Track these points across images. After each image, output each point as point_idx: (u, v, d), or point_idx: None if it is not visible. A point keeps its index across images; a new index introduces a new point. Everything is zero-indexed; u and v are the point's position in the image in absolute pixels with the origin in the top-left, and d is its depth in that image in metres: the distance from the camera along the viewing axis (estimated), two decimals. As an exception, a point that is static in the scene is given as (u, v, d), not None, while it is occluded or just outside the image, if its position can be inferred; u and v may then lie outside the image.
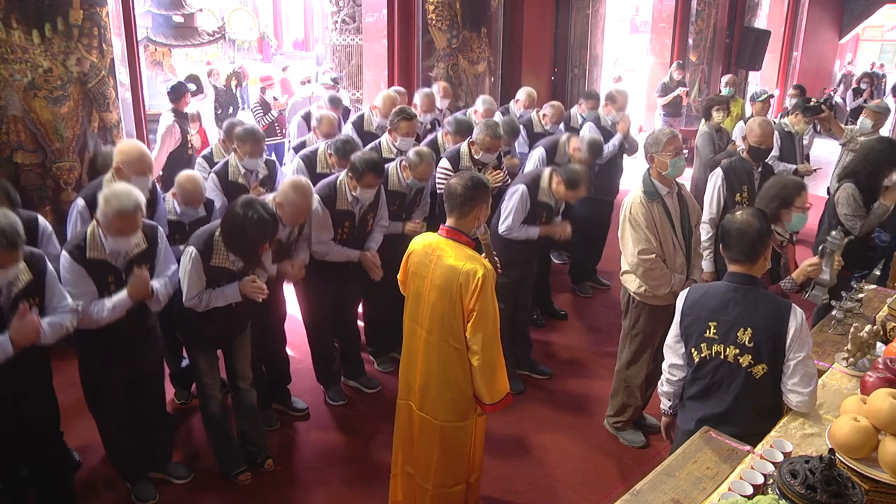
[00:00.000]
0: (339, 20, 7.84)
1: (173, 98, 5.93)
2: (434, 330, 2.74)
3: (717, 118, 6.33)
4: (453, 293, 2.64)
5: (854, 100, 13.37)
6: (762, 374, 2.42)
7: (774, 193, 3.23)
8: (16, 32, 4.08)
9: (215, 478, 3.51)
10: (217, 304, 3.14)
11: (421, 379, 2.84)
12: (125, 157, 3.34)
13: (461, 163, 4.53)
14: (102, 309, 2.85)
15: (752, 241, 2.47)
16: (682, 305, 2.60)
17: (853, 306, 3.28)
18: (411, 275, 2.84)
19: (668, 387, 2.74)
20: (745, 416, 2.46)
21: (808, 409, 2.45)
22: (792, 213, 3.19)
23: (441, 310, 2.70)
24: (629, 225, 3.47)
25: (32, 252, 2.73)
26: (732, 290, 2.49)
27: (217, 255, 3.10)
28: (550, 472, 3.65)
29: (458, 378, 2.75)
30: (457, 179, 2.75)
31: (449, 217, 2.77)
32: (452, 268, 2.64)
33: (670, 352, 2.67)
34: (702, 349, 2.51)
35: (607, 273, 6.13)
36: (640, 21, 22.84)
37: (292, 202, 3.42)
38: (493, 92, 7.42)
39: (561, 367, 4.73)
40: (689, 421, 2.60)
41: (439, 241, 2.76)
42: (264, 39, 17.76)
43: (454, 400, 2.80)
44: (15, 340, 2.53)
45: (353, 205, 3.87)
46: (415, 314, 2.83)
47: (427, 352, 2.79)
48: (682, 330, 2.58)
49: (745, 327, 2.42)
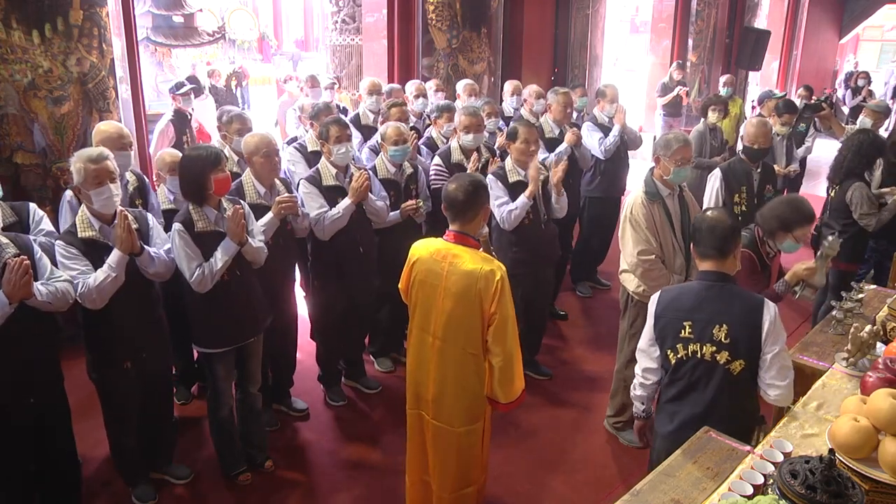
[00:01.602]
0: (339, 20, 7.85)
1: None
2: (449, 338, 2.69)
3: (713, 118, 6.35)
4: (472, 298, 2.60)
5: (853, 98, 13.38)
6: (740, 370, 2.44)
7: (779, 213, 3.14)
8: (16, 33, 4.08)
9: (215, 478, 3.51)
10: (219, 265, 3.09)
11: (435, 388, 2.79)
12: (103, 135, 3.52)
13: (452, 157, 4.52)
14: (100, 273, 2.86)
15: (722, 236, 2.50)
16: (655, 309, 2.61)
17: (853, 306, 3.28)
18: (418, 283, 2.76)
19: (641, 391, 2.75)
20: (724, 415, 2.47)
21: (786, 402, 2.48)
22: (787, 239, 3.12)
23: (458, 316, 2.65)
24: (629, 225, 3.48)
25: (18, 235, 2.86)
26: (706, 288, 2.51)
27: (199, 220, 3.11)
28: (551, 473, 3.65)
29: (473, 384, 2.74)
30: (455, 185, 2.70)
31: (453, 223, 2.73)
32: (470, 273, 2.59)
33: (644, 356, 2.68)
34: (678, 350, 2.52)
35: (607, 273, 6.13)
36: (640, 21, 22.81)
37: (248, 144, 3.56)
38: (493, 92, 7.42)
39: (561, 367, 4.73)
40: (667, 423, 2.61)
41: (449, 247, 2.70)
42: (264, 39, 17.77)
43: (470, 406, 2.78)
44: (8, 293, 2.56)
45: (340, 178, 3.88)
46: (424, 323, 2.77)
47: (441, 360, 2.74)
48: (657, 333, 2.58)
49: (721, 324, 2.44)
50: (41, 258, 2.82)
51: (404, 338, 4.83)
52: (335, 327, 4.16)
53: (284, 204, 3.55)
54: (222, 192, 3.17)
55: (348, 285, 4.02)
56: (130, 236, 2.88)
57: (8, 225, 3.04)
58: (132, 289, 2.98)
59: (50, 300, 2.72)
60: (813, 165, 8.10)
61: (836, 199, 4.40)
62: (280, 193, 3.69)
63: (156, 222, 3.24)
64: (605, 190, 5.60)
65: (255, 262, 3.31)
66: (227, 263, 3.11)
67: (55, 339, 2.98)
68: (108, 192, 2.89)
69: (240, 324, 3.29)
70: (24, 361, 2.75)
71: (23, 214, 3.26)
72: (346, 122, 4.07)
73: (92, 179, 2.87)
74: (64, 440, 3.07)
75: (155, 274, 3.06)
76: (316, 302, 4.20)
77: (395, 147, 4.11)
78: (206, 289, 3.11)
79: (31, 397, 2.82)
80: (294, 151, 4.60)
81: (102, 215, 2.95)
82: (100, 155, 2.91)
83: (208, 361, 3.36)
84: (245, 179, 3.64)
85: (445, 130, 4.94)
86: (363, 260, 4.02)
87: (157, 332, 3.23)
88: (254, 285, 3.35)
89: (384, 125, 4.30)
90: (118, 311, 2.97)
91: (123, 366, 3.07)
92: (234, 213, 3.10)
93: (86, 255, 2.89)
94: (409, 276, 2.83)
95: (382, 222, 4.09)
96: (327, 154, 3.85)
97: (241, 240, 3.13)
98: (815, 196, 6.80)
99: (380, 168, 4.20)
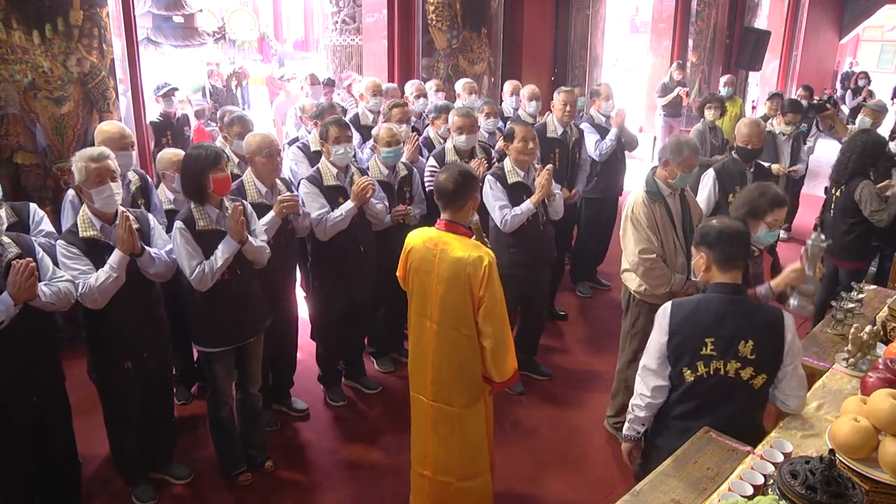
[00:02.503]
0: (339, 20, 7.85)
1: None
2: (444, 321, 2.82)
3: (710, 116, 6.36)
4: (462, 283, 2.73)
5: (853, 99, 13.37)
6: (761, 384, 2.39)
7: (746, 200, 3.03)
8: (16, 33, 4.08)
9: (216, 478, 3.51)
10: (220, 264, 3.08)
11: (433, 369, 2.90)
12: (105, 135, 3.53)
13: (446, 158, 4.52)
14: (101, 273, 2.86)
15: (744, 246, 2.44)
16: (668, 324, 2.40)
17: (853, 307, 3.28)
18: (414, 270, 2.88)
19: (646, 412, 2.51)
20: (743, 428, 2.39)
21: (801, 410, 2.48)
22: (760, 226, 2.97)
23: (451, 301, 2.78)
24: (631, 224, 3.48)
25: (20, 235, 2.87)
26: (727, 302, 2.37)
27: (200, 218, 3.12)
28: (551, 473, 3.65)
29: (469, 362, 2.86)
30: (444, 175, 2.83)
31: (444, 212, 2.85)
32: (459, 259, 2.73)
33: (652, 375, 2.46)
34: (698, 367, 2.36)
35: (607, 274, 6.13)
36: (640, 21, 22.83)
37: (249, 144, 3.56)
38: (493, 92, 7.42)
39: (561, 367, 4.73)
40: (676, 441, 2.37)
41: (440, 234, 2.83)
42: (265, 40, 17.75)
43: (467, 384, 2.90)
44: (13, 295, 2.57)
45: (341, 178, 3.88)
46: (422, 308, 2.89)
47: (438, 342, 2.87)
48: (672, 350, 2.39)
49: (746, 339, 2.33)
50: (43, 258, 2.82)
51: (404, 338, 4.83)
52: (335, 327, 4.16)
53: (286, 203, 3.55)
54: (221, 191, 3.16)
55: (349, 285, 4.02)
56: (131, 237, 2.88)
57: (9, 225, 3.04)
58: (133, 289, 2.98)
59: (53, 301, 2.73)
60: (814, 165, 8.09)
61: (844, 199, 4.43)
62: (281, 193, 3.70)
63: (157, 223, 3.25)
64: (602, 191, 5.61)
65: (257, 262, 3.31)
66: (227, 262, 3.11)
67: (56, 339, 2.99)
68: (109, 191, 2.90)
69: (239, 323, 3.29)
70: (26, 361, 2.75)
71: (23, 215, 3.27)
72: (347, 122, 4.07)
73: (93, 178, 2.87)
74: (64, 440, 3.07)
75: (156, 274, 3.06)
76: (316, 302, 4.20)
77: (387, 149, 4.10)
78: (206, 287, 3.11)
79: (33, 397, 2.83)
80: (297, 151, 4.61)
81: (104, 215, 2.95)
82: (101, 154, 2.92)
83: (208, 361, 3.36)
84: (246, 179, 3.64)
85: (443, 131, 4.94)
86: (364, 260, 4.02)
87: (158, 332, 3.24)
88: (254, 285, 3.35)
89: (377, 126, 4.30)
90: (119, 310, 2.97)
91: (124, 366, 3.08)
92: (233, 210, 3.10)
93: (87, 255, 2.90)
94: (405, 263, 2.94)
95: (381, 224, 4.10)
96: (327, 154, 3.86)
97: (242, 238, 3.13)
98: (817, 197, 6.80)
99: (373, 170, 4.19)
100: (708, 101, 6.53)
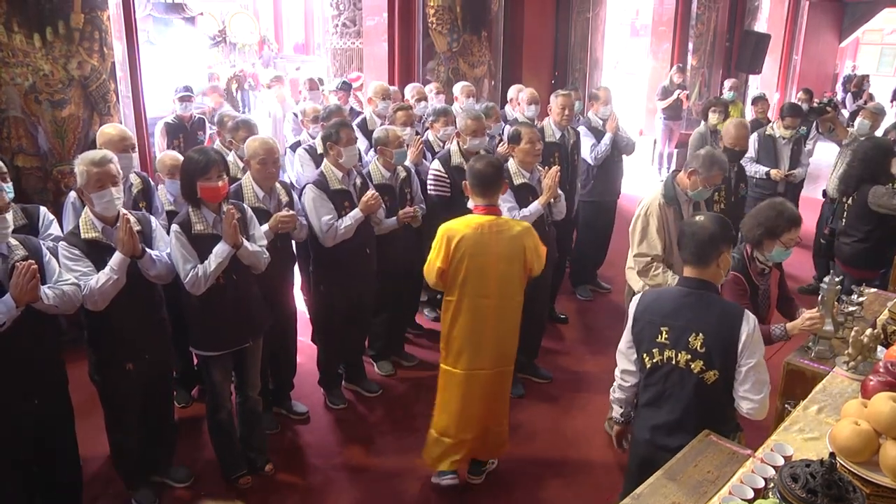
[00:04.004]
0: (339, 24, 7.87)
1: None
2: (504, 294, 3.15)
3: (713, 120, 6.36)
4: (520, 254, 3.11)
5: (854, 102, 13.39)
6: (713, 379, 2.39)
7: (763, 220, 3.01)
8: (17, 36, 4.09)
9: (216, 481, 3.51)
10: (213, 267, 3.07)
11: (495, 342, 3.22)
12: (105, 137, 3.57)
13: (452, 160, 4.48)
14: (102, 275, 2.86)
15: (701, 243, 2.44)
16: (634, 311, 2.57)
17: (854, 310, 3.27)
18: (469, 256, 3.05)
19: (619, 393, 2.70)
20: (697, 424, 2.42)
21: (760, 416, 2.41)
22: (775, 246, 3.00)
23: (510, 274, 3.12)
24: (640, 224, 3.52)
25: (28, 237, 2.87)
26: (685, 294, 2.47)
27: (197, 222, 3.12)
28: (551, 476, 3.65)
29: (518, 326, 3.29)
30: (482, 165, 3.09)
31: (483, 198, 3.11)
32: (516, 235, 3.10)
33: (622, 357, 2.64)
34: (653, 354, 2.48)
35: (608, 276, 6.13)
36: (641, 24, 22.83)
37: (247, 149, 3.58)
38: (494, 95, 7.42)
39: (561, 370, 4.73)
40: (643, 430, 2.56)
41: (487, 218, 3.09)
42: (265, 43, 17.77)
43: (515, 346, 3.33)
44: (15, 296, 2.57)
45: (346, 182, 3.88)
46: (479, 290, 3.11)
47: (498, 316, 3.18)
48: (634, 335, 2.55)
49: (697, 332, 2.39)
50: (49, 261, 2.82)
51: (405, 340, 4.83)
52: (337, 330, 4.16)
53: (283, 221, 3.55)
54: (210, 199, 3.13)
55: (352, 287, 4.02)
56: (132, 239, 2.88)
57: (18, 227, 3.04)
58: (134, 291, 2.98)
59: (56, 303, 2.72)
60: (813, 169, 8.09)
61: (856, 206, 4.44)
62: (280, 197, 3.70)
63: (159, 225, 3.25)
64: (599, 194, 5.61)
65: (254, 267, 3.30)
66: (221, 266, 3.10)
67: (59, 342, 2.99)
68: (110, 196, 2.90)
69: (236, 327, 3.29)
70: (29, 363, 2.75)
71: (33, 218, 3.29)
72: (353, 125, 4.10)
73: (94, 182, 2.87)
74: (65, 442, 3.06)
75: (156, 276, 3.06)
76: (319, 304, 4.19)
77: (399, 150, 4.15)
78: (200, 291, 3.10)
79: (35, 399, 2.82)
80: (304, 153, 4.61)
81: (105, 217, 2.95)
82: (103, 158, 2.92)
83: (205, 364, 3.36)
84: (244, 182, 3.64)
85: (442, 134, 4.93)
86: (368, 261, 4.03)
87: (159, 335, 3.23)
88: (251, 289, 3.34)
89: (381, 129, 4.29)
90: (120, 312, 2.97)
91: (125, 367, 3.07)
92: (227, 214, 3.09)
93: (88, 257, 2.90)
94: (449, 254, 3.07)
95: (382, 230, 4.11)
96: (336, 156, 3.82)
97: (235, 242, 3.11)
98: (816, 200, 6.80)
99: (374, 173, 4.19)
100: (712, 104, 6.52)
